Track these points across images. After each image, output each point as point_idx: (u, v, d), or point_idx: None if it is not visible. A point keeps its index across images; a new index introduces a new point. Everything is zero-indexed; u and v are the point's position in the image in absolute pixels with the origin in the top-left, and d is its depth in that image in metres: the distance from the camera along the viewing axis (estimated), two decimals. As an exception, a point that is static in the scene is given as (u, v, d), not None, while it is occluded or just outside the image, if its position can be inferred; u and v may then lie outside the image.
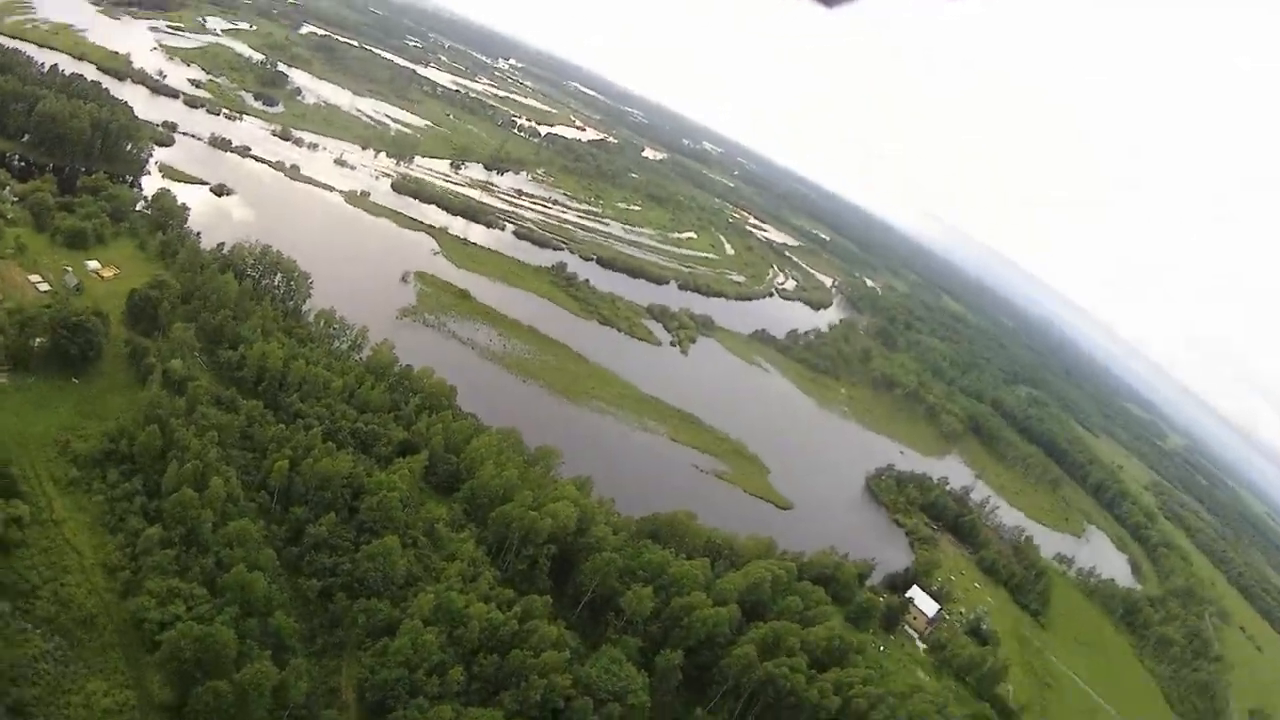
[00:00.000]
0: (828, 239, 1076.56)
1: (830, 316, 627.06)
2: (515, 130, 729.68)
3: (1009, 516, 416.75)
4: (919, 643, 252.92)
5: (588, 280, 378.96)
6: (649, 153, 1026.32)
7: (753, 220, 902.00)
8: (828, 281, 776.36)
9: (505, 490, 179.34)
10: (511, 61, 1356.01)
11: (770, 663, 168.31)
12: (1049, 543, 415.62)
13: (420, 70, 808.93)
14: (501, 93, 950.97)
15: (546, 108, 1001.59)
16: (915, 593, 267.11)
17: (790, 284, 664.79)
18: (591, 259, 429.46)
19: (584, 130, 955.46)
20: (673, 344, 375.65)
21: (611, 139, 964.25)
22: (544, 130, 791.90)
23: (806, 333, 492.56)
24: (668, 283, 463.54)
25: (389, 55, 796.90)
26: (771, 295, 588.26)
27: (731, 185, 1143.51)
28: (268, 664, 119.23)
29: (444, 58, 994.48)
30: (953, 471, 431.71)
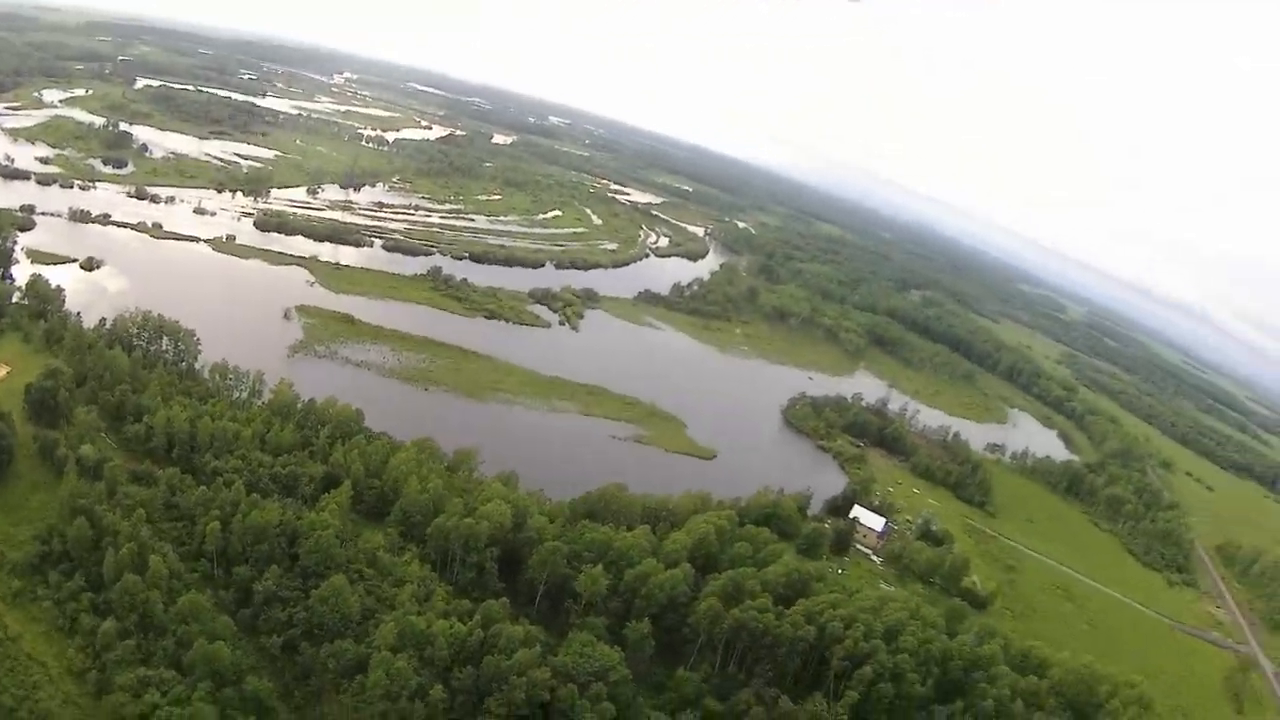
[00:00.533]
0: (690, 190, 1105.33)
1: (709, 264, 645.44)
2: (363, 143, 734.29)
3: (931, 418, 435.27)
4: (874, 558, 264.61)
5: (465, 279, 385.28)
6: (498, 138, 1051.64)
7: (613, 186, 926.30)
8: (699, 231, 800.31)
9: (435, 503, 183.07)
10: (346, 75, 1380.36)
11: (737, 609, 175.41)
12: (977, 435, 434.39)
13: (259, 102, 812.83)
14: (343, 108, 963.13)
15: (389, 113, 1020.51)
16: (858, 511, 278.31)
17: (663, 241, 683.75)
18: (464, 257, 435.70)
19: (430, 129, 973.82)
20: (562, 323, 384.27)
21: (459, 132, 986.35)
22: (391, 137, 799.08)
23: (690, 284, 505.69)
24: (544, 265, 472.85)
25: (226, 93, 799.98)
26: (647, 256, 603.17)
27: (585, 155, 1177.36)
28: None
29: (279, 84, 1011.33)
30: (865, 387, 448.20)
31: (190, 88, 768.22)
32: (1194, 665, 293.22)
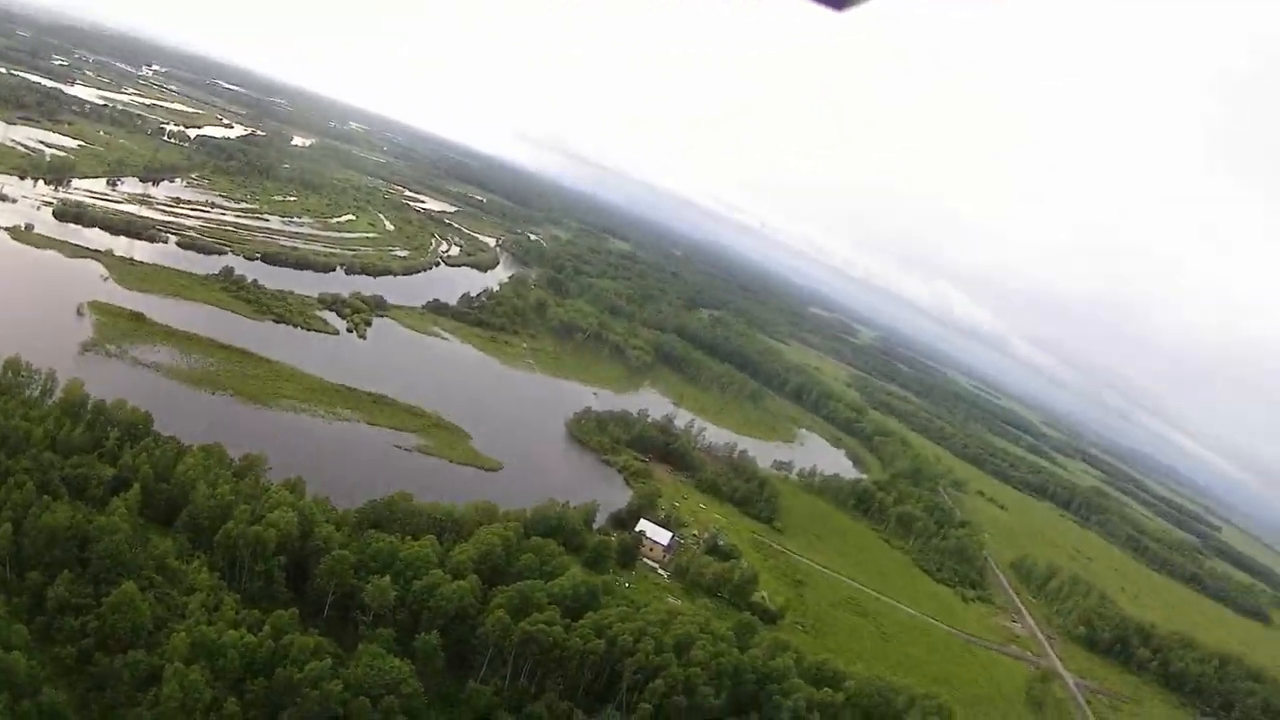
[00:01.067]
0: (484, 200, 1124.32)
1: (499, 275, 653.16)
2: (166, 137, 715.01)
3: (718, 435, 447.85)
4: (661, 572, 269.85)
5: (256, 281, 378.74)
6: (298, 140, 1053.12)
7: (408, 193, 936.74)
8: (491, 242, 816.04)
9: (223, 509, 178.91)
10: (155, 67, 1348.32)
11: (525, 621, 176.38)
12: (764, 453, 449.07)
13: (68, 90, 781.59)
14: (149, 100, 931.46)
15: (194, 109, 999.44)
16: (644, 525, 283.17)
17: (454, 251, 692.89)
18: (256, 258, 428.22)
19: (232, 127, 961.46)
20: (349, 330, 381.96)
21: (260, 132, 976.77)
22: (194, 133, 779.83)
23: (479, 295, 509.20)
24: (334, 269, 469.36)
25: (36, 78, 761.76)
26: (438, 265, 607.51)
27: (383, 161, 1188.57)
28: None
29: (90, 73, 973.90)
30: (651, 403, 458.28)
31: (2, 70, 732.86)
32: (993, 677, 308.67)
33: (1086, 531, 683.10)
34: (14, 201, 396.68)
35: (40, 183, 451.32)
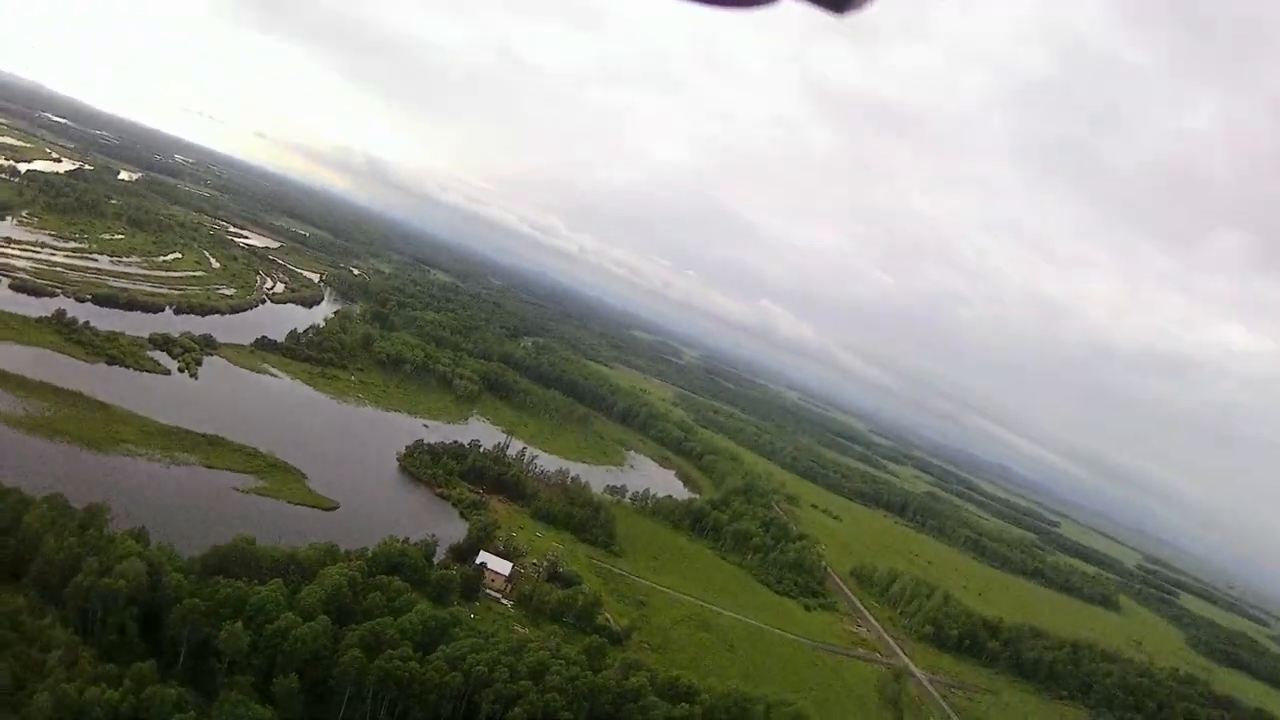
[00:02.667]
0: (307, 235, 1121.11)
1: (324, 311, 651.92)
2: None
3: (549, 462, 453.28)
4: (504, 601, 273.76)
5: (88, 323, 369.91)
6: (124, 175, 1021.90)
7: (232, 228, 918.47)
8: (315, 277, 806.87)
9: (72, 562, 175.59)
10: None
11: (380, 659, 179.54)
12: (596, 477, 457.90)
13: None
14: None
15: (22, 143, 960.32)
16: (485, 556, 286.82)
17: (279, 287, 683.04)
18: (87, 299, 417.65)
19: (61, 161, 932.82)
20: (180, 369, 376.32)
21: (87, 166, 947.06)
22: (23, 168, 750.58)
23: (305, 331, 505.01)
24: (164, 309, 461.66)
25: None
26: (264, 302, 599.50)
27: (208, 195, 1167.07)
28: None
29: None
30: (481, 433, 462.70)
31: None
32: (844, 680, 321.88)
33: (923, 536, 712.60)
34: None
35: None
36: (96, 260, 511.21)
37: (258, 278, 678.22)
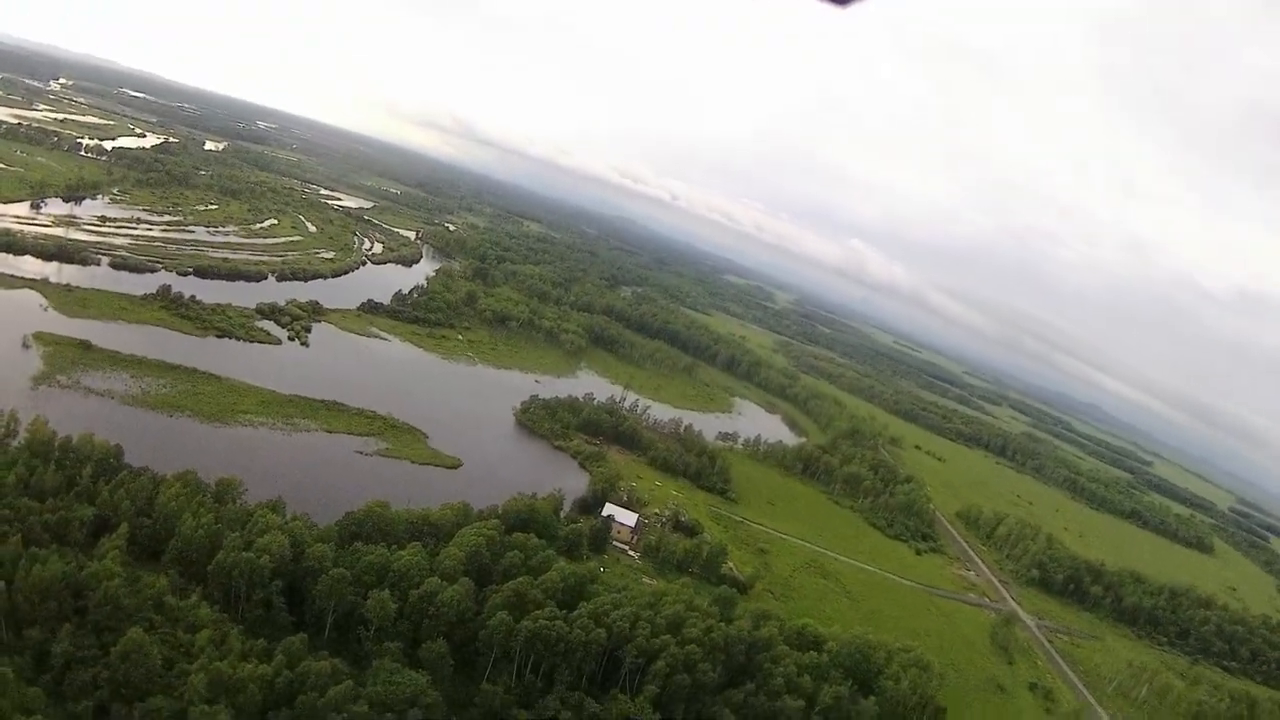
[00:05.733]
0: (399, 193, 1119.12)
1: (424, 269, 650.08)
2: (83, 152, 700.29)
3: (660, 412, 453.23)
4: (631, 553, 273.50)
5: (194, 296, 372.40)
6: (210, 145, 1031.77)
7: (324, 191, 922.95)
8: (411, 236, 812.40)
9: (211, 539, 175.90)
10: (62, 80, 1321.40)
11: (527, 619, 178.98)
12: (706, 425, 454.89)
13: None
14: (60, 115, 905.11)
15: (105, 121, 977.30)
16: (610, 508, 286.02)
17: (378, 248, 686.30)
18: (189, 272, 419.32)
19: (145, 136, 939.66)
20: (291, 338, 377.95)
21: (172, 139, 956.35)
22: (109, 145, 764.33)
23: (410, 292, 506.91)
24: (266, 277, 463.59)
25: None
26: (364, 264, 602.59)
27: (295, 159, 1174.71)
28: None
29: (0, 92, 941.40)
30: (591, 385, 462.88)
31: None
32: (957, 625, 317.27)
33: (1023, 476, 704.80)
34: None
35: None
36: (193, 232, 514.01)
37: (355, 239, 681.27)
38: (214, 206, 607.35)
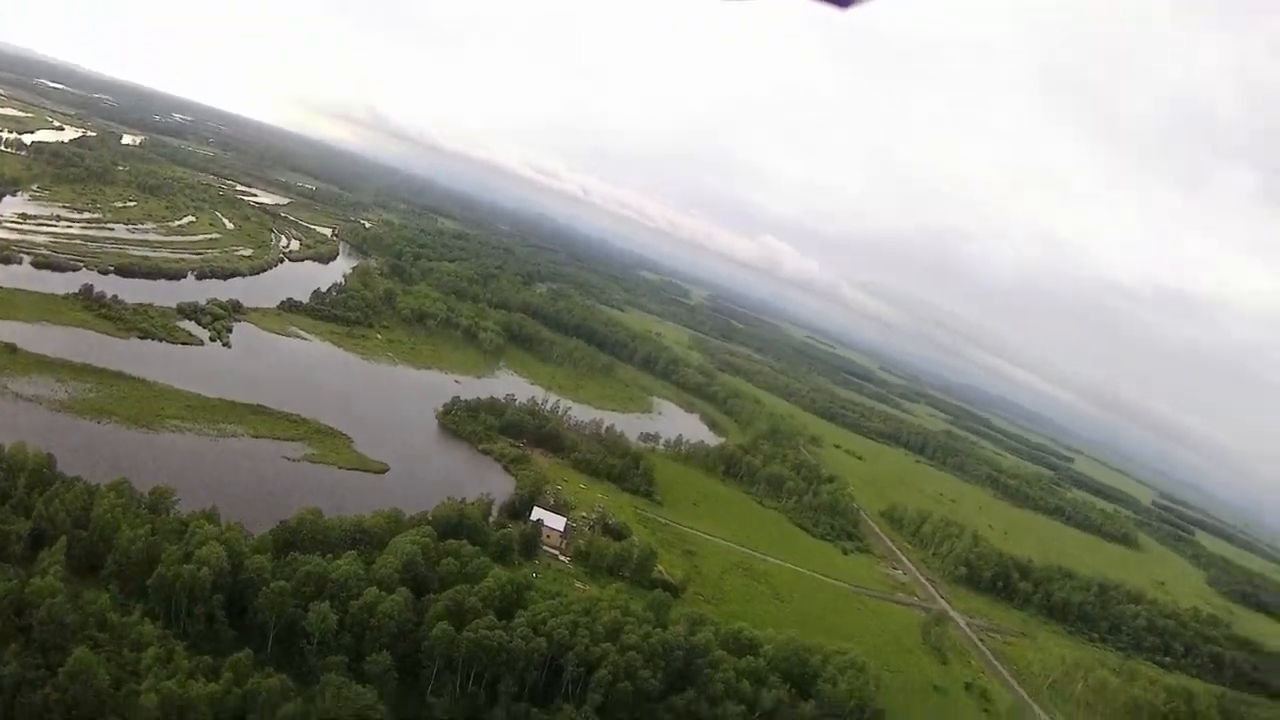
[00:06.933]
0: (315, 189, 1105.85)
1: (341, 266, 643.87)
2: (3, 146, 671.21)
3: (580, 412, 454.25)
4: (562, 558, 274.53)
5: (116, 295, 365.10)
6: (127, 139, 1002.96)
7: (240, 187, 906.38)
8: (328, 233, 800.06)
9: (150, 551, 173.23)
10: None
11: (468, 629, 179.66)
12: (626, 425, 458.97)
13: None
14: None
15: (23, 113, 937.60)
16: (539, 512, 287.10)
17: (295, 245, 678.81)
18: (110, 271, 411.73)
19: (63, 130, 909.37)
20: (213, 339, 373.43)
21: (90, 133, 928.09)
22: (28, 139, 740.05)
23: (329, 289, 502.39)
24: (185, 275, 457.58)
25: None
26: (282, 261, 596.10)
27: (211, 154, 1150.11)
28: None
29: None
30: (510, 386, 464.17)
31: None
32: (888, 626, 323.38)
33: (944, 474, 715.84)
34: None
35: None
36: (113, 230, 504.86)
37: (272, 236, 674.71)
38: (133, 203, 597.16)
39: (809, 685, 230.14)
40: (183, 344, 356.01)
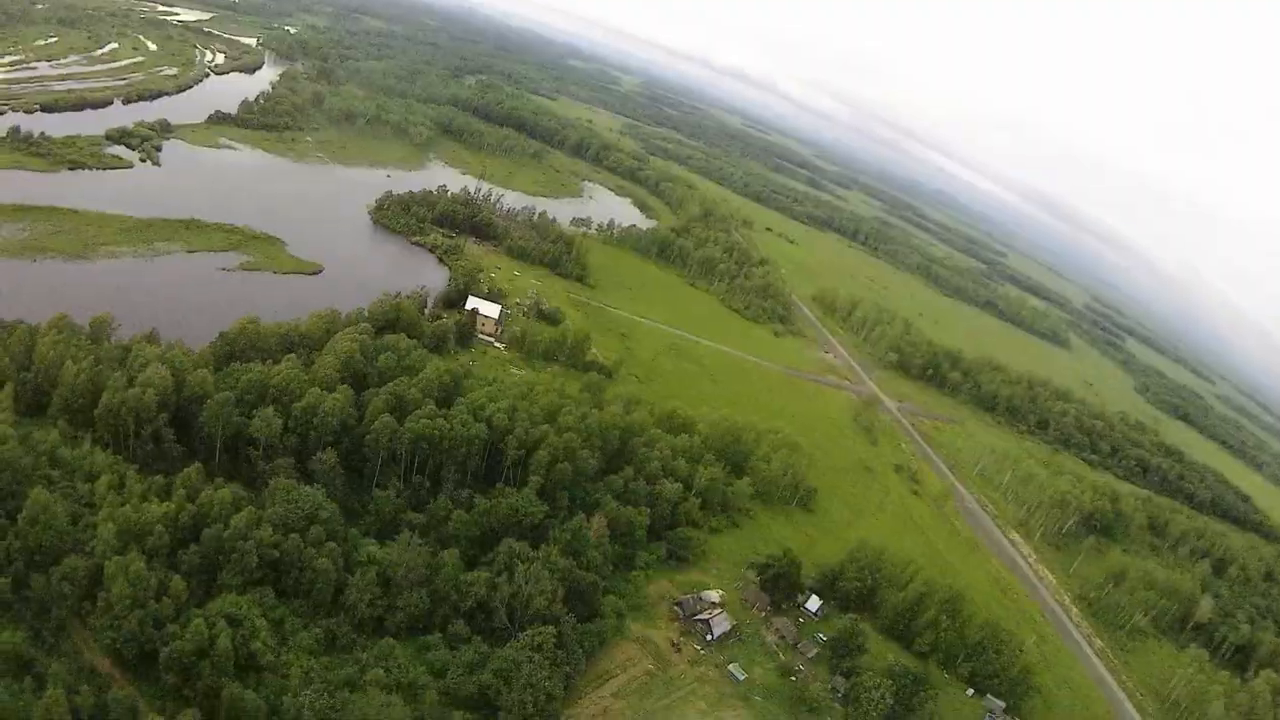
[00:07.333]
0: (238, 1, 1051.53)
1: (268, 75, 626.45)
2: None
3: (513, 200, 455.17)
4: (498, 345, 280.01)
5: (43, 133, 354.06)
6: None
7: (161, 7, 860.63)
8: (252, 43, 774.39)
9: (94, 382, 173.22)
10: None
11: (409, 421, 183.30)
12: (559, 211, 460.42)
13: None
14: None
15: None
16: (474, 302, 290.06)
17: (220, 59, 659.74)
18: (36, 109, 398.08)
19: None
20: (142, 160, 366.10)
21: None
22: None
23: (255, 99, 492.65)
24: (111, 103, 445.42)
25: None
26: (208, 76, 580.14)
27: None
28: (27, 696, 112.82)
29: None
30: (442, 177, 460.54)
31: None
32: (819, 407, 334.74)
33: (877, 261, 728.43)
34: None
35: None
36: (36, 68, 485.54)
37: (196, 52, 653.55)
38: (54, 40, 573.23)
39: (743, 463, 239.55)
40: (113, 169, 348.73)
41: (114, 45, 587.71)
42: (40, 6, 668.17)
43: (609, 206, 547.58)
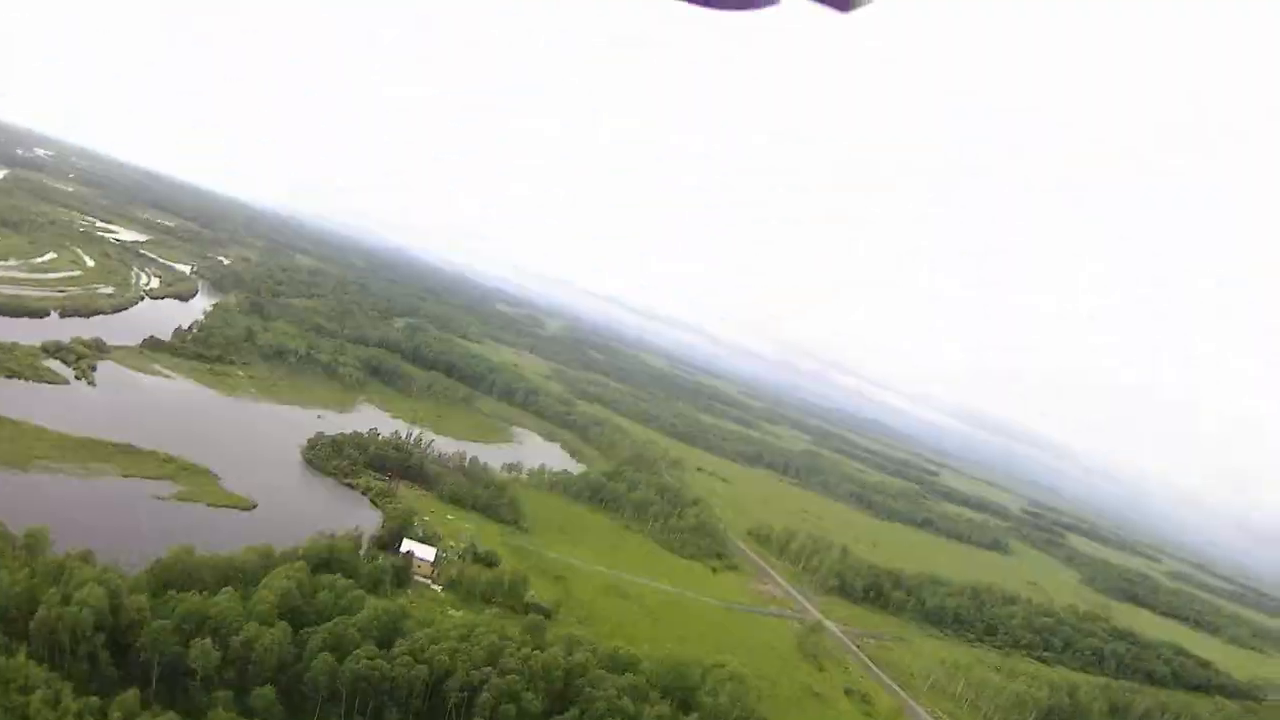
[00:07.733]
0: (173, 225, 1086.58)
1: (201, 303, 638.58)
2: None
3: (444, 444, 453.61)
4: (435, 587, 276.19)
5: None
6: None
7: (100, 224, 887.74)
8: (186, 270, 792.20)
9: (29, 593, 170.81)
10: None
11: (349, 660, 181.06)
12: (490, 456, 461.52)
13: None
14: None
15: None
16: (409, 544, 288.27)
17: (155, 282, 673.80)
18: None
19: None
20: (78, 378, 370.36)
21: None
22: None
23: (189, 328, 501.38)
24: (49, 314, 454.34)
25: None
26: (143, 299, 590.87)
27: (72, 190, 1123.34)
28: None
29: None
30: (372, 419, 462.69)
31: None
32: (762, 638, 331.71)
33: (808, 493, 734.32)
34: None
35: None
36: None
37: (133, 273, 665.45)
38: None
39: (690, 699, 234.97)
40: (49, 383, 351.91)
41: (53, 255, 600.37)
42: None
43: (539, 451, 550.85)
